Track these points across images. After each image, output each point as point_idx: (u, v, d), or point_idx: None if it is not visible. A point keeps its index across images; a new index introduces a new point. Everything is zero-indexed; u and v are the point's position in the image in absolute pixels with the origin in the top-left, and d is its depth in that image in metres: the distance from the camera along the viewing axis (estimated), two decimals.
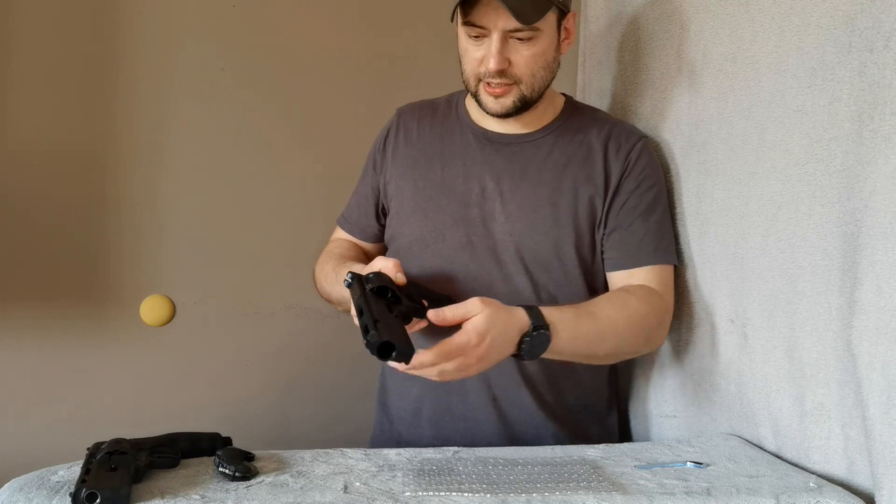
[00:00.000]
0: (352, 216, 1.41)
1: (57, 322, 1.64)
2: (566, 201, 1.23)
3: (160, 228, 1.68)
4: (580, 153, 1.26)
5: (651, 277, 1.22)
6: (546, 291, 1.22)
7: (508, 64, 1.16)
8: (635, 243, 1.23)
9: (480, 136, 1.28)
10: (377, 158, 1.36)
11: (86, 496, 0.81)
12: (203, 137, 1.69)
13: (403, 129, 1.34)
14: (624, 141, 1.26)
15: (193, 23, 1.68)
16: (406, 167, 1.31)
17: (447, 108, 1.35)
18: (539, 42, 1.16)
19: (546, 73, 1.20)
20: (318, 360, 1.75)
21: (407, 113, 1.37)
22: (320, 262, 1.36)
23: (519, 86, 1.18)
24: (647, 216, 1.24)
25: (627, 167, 1.24)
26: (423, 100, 1.39)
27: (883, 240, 0.86)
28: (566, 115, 1.29)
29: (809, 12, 0.99)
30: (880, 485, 0.87)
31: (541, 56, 1.17)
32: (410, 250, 1.27)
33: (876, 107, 0.87)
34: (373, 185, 1.36)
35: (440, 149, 1.30)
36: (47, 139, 1.62)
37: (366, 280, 1.04)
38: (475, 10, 1.12)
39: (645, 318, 1.17)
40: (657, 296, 1.21)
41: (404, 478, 0.95)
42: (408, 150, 1.32)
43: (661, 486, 0.93)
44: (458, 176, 1.27)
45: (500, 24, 1.12)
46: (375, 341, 0.90)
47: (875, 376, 0.86)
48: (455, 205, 1.25)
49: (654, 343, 1.24)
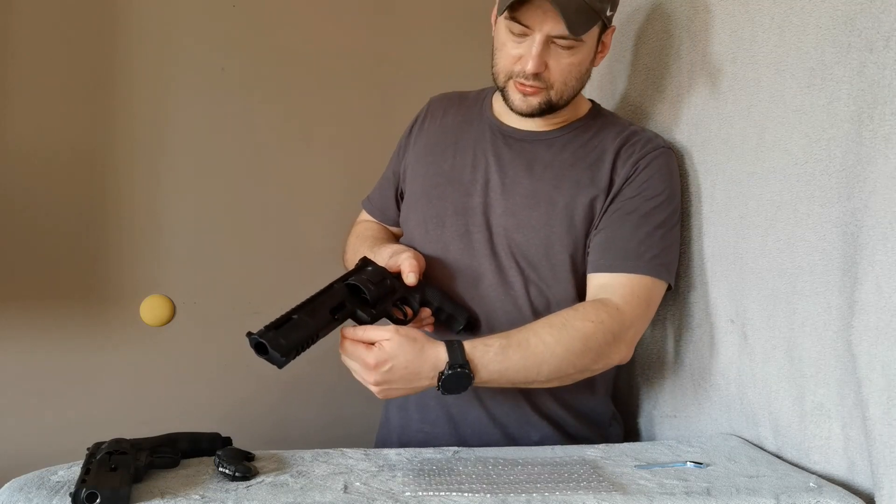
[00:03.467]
0: (375, 198, 1.44)
1: (57, 322, 1.64)
2: (564, 201, 1.22)
3: (160, 228, 1.68)
4: (591, 156, 1.24)
5: (616, 288, 1.16)
6: (536, 288, 1.22)
7: (545, 68, 1.15)
8: (616, 248, 1.18)
9: (496, 129, 1.29)
10: (403, 143, 1.39)
11: (86, 496, 0.81)
12: (203, 137, 1.69)
13: (430, 117, 1.37)
14: (639, 148, 1.22)
15: (193, 23, 1.68)
16: (423, 153, 1.33)
17: (476, 100, 1.36)
18: (579, 52, 1.15)
19: (578, 83, 1.20)
20: (319, 360, 1.73)
21: (437, 101, 1.39)
22: (352, 241, 1.39)
23: (549, 91, 1.18)
24: (641, 224, 1.18)
25: (633, 174, 1.20)
26: (456, 91, 1.41)
27: (883, 240, 0.86)
28: (586, 120, 1.28)
29: (809, 12, 0.99)
30: (880, 485, 0.86)
31: (577, 66, 1.17)
32: (414, 235, 1.30)
33: (875, 106, 0.87)
34: (395, 169, 1.39)
35: (456, 138, 1.31)
36: (47, 139, 1.63)
37: (356, 270, 1.07)
38: (523, 8, 1.11)
39: (590, 337, 1.11)
40: (612, 310, 1.13)
41: (404, 478, 0.95)
42: (428, 137, 1.34)
43: (661, 486, 0.93)
44: (466, 166, 1.28)
45: (545, 28, 1.12)
46: (254, 340, 0.96)
47: (875, 376, 0.86)
48: (458, 194, 1.26)
49: (611, 359, 1.16)
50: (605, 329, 1.12)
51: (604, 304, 1.15)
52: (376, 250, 1.26)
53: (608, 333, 1.12)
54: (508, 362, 1.07)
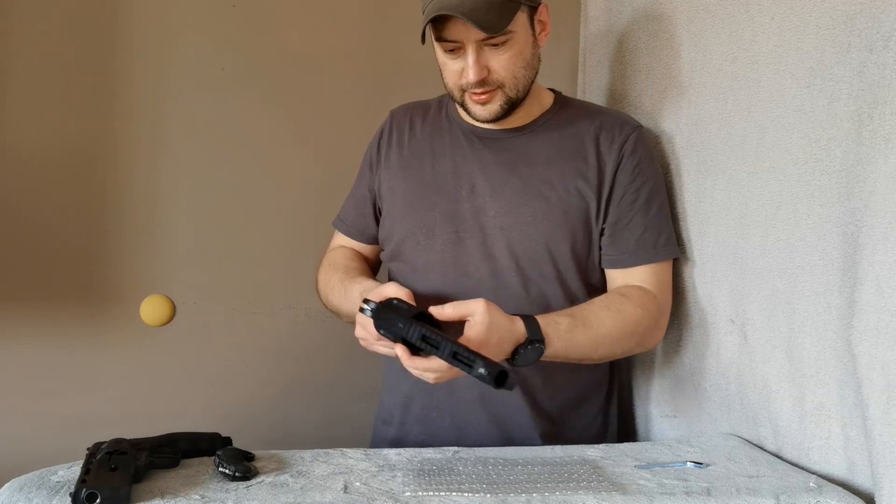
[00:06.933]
0: (349, 218, 1.41)
1: (57, 322, 1.64)
2: (556, 195, 1.23)
3: (160, 228, 1.68)
4: (570, 146, 1.25)
5: (648, 277, 1.23)
6: (536, 287, 1.22)
7: (488, 72, 1.16)
8: (634, 241, 1.23)
9: (469, 132, 1.29)
10: (373, 159, 1.37)
11: (86, 496, 0.81)
12: (203, 137, 1.69)
13: (397, 130, 1.35)
14: (617, 132, 1.25)
15: (193, 23, 1.68)
16: (398, 167, 1.32)
17: (438, 108, 1.35)
18: (514, 44, 1.15)
19: (528, 72, 1.20)
20: (318, 360, 1.74)
21: (400, 114, 1.38)
22: (324, 272, 1.35)
23: (503, 89, 1.18)
24: (647, 210, 1.24)
25: (621, 160, 1.24)
26: (415, 101, 1.40)
27: (883, 240, 0.86)
28: (555, 110, 1.30)
29: (809, 12, 0.99)
30: (880, 485, 0.87)
31: (518, 57, 1.17)
32: (403, 248, 1.28)
33: (875, 107, 0.87)
34: (370, 186, 1.37)
35: (430, 147, 1.30)
36: (47, 139, 1.62)
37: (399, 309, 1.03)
38: (446, 27, 1.12)
39: (639, 322, 1.18)
40: (651, 298, 1.21)
41: (404, 478, 0.95)
42: (400, 150, 1.33)
43: (661, 486, 0.93)
44: (448, 173, 1.27)
45: (472, 36, 1.12)
46: (492, 372, 0.91)
47: (875, 376, 0.86)
48: (445, 201, 1.26)
49: (649, 345, 1.25)
50: (649, 315, 1.20)
51: (644, 291, 1.22)
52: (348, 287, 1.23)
53: (651, 319, 1.21)
54: (574, 340, 1.12)
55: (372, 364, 1.27)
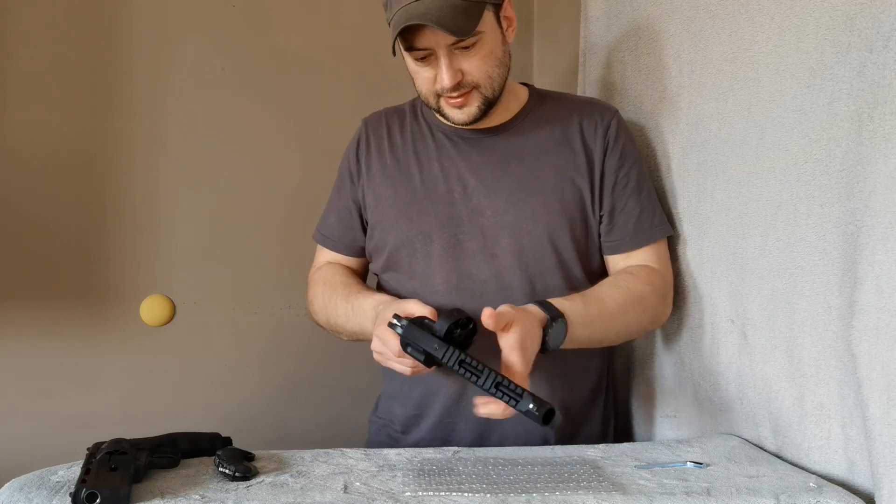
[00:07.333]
0: (334, 234, 1.36)
1: (57, 322, 1.64)
2: (550, 187, 1.23)
3: (160, 228, 1.68)
4: (556, 138, 1.26)
5: (649, 256, 1.26)
6: (541, 282, 1.22)
7: (462, 75, 1.15)
8: (632, 225, 1.25)
9: (452, 134, 1.28)
10: (352, 170, 1.34)
11: (86, 496, 0.81)
12: (203, 137, 1.69)
13: (374, 138, 1.33)
14: (599, 119, 1.28)
15: (193, 23, 1.68)
16: (382, 175, 1.29)
17: (412, 113, 1.34)
18: (484, 44, 1.15)
19: (501, 69, 1.19)
20: (319, 360, 1.74)
21: (374, 122, 1.35)
22: (320, 291, 1.32)
23: (479, 90, 1.18)
24: (639, 192, 1.26)
25: (608, 146, 1.26)
26: (387, 107, 1.38)
27: (883, 240, 0.86)
28: (533, 103, 1.30)
29: (809, 12, 0.99)
30: (880, 485, 0.87)
31: (490, 56, 1.16)
32: (399, 257, 1.26)
33: (875, 107, 0.87)
34: (353, 197, 1.33)
35: (414, 153, 1.29)
36: (47, 139, 1.62)
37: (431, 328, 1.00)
38: (415, 36, 1.12)
39: (648, 298, 1.21)
40: (657, 274, 1.24)
41: (404, 478, 0.95)
42: (381, 158, 1.31)
43: (661, 486, 0.93)
44: (437, 178, 1.26)
45: (442, 42, 1.12)
46: (541, 411, 0.91)
47: (875, 376, 0.86)
48: (439, 206, 1.24)
49: (660, 320, 1.28)
50: (656, 292, 1.23)
51: (650, 269, 1.24)
52: (354, 302, 1.22)
53: (659, 295, 1.24)
54: (590, 316, 1.13)
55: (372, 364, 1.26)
